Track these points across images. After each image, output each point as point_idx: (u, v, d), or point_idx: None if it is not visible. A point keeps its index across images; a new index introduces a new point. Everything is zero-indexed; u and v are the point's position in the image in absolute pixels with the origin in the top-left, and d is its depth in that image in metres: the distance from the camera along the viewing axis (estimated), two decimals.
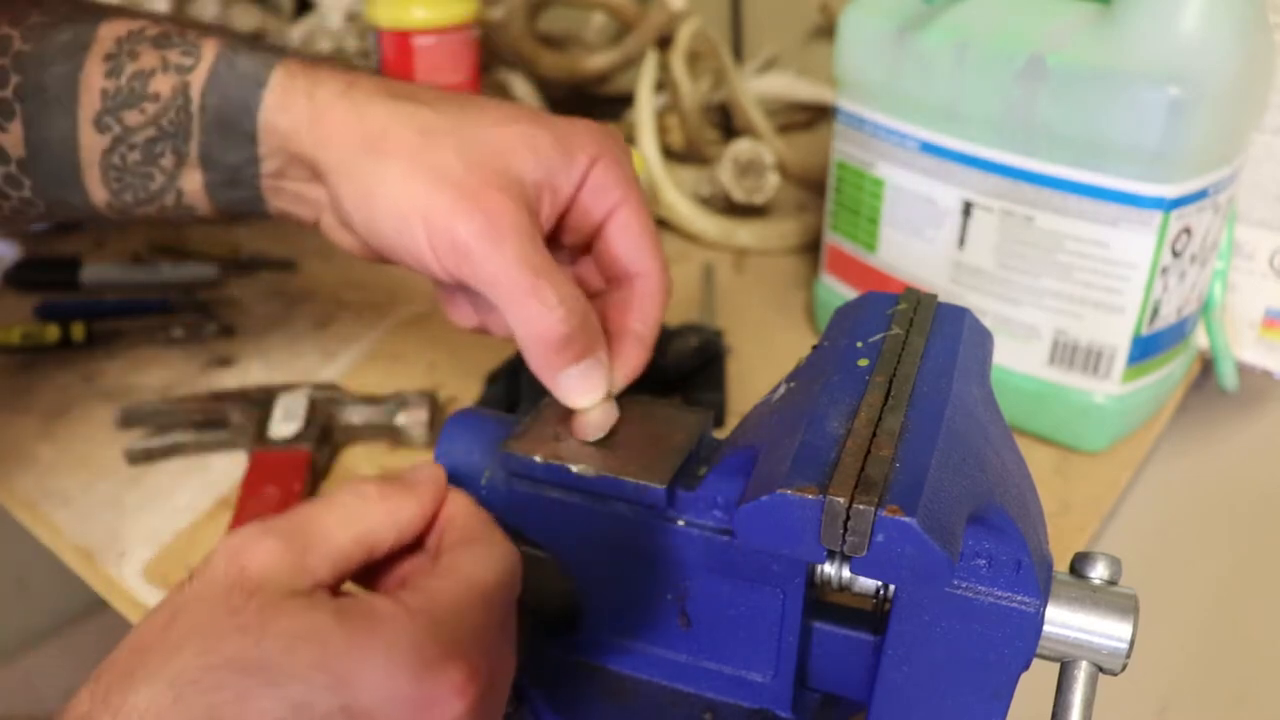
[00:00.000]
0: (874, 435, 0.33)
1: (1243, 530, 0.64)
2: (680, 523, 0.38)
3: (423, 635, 0.31)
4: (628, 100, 0.97)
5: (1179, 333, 0.61)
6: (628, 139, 0.95)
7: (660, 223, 0.91)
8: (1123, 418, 0.61)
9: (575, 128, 0.45)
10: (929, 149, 0.61)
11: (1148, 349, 0.59)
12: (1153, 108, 0.51)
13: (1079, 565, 0.35)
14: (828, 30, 1.15)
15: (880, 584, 0.37)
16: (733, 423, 0.59)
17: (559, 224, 0.46)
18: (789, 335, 0.76)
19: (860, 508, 0.30)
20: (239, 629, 0.30)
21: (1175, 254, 0.56)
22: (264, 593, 0.31)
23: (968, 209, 0.60)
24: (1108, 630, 0.33)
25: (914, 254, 0.64)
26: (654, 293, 0.46)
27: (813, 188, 0.95)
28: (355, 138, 0.43)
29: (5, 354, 0.70)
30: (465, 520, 0.37)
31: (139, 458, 0.60)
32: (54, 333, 0.70)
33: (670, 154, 0.97)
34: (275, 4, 1.08)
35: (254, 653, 0.29)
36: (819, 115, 1.12)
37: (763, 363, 0.71)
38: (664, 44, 0.96)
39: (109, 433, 0.62)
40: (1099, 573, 0.34)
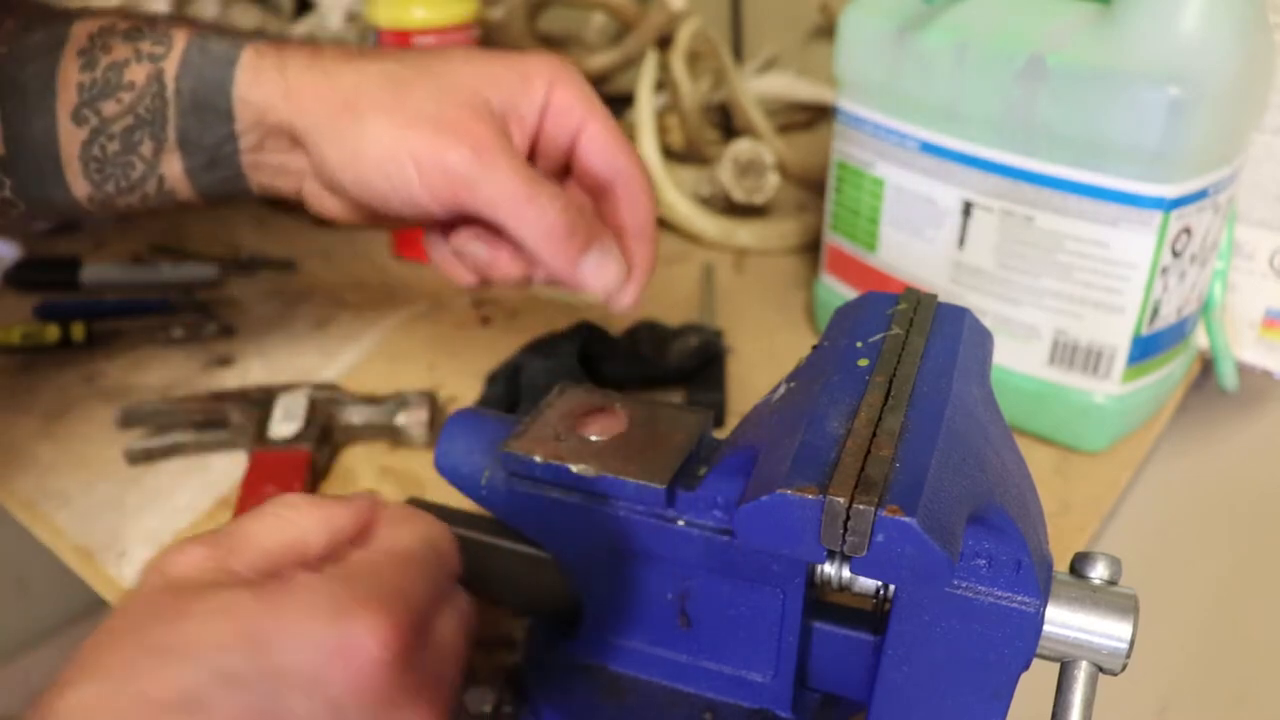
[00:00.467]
0: (874, 435, 0.33)
1: (1243, 530, 0.64)
2: (680, 523, 0.38)
3: (338, 587, 0.31)
4: (628, 100, 0.97)
5: (1179, 333, 0.61)
6: (628, 139, 0.95)
7: (660, 223, 0.90)
8: (1123, 418, 0.61)
9: (529, 59, 0.48)
10: (929, 149, 0.61)
11: (1148, 349, 0.59)
12: (1153, 108, 0.51)
13: (1079, 565, 0.35)
14: (828, 30, 1.15)
15: (880, 584, 0.37)
16: (733, 423, 0.59)
17: (533, 151, 0.48)
18: (789, 335, 0.76)
19: (860, 508, 0.30)
20: (159, 619, 0.30)
21: (1175, 254, 0.56)
22: (186, 590, 0.31)
23: (968, 209, 0.60)
24: (1108, 630, 0.33)
25: (914, 254, 0.64)
26: (638, 190, 0.49)
27: (813, 188, 0.95)
28: (330, 101, 0.45)
29: (5, 354, 0.70)
30: (394, 510, 0.37)
31: (139, 458, 0.60)
32: (54, 333, 0.70)
33: (670, 154, 0.97)
34: (275, 4, 1.07)
35: (173, 636, 0.30)
36: (819, 115, 1.12)
37: (763, 363, 0.71)
38: (664, 44, 0.96)
39: (109, 433, 0.62)
40: (1099, 573, 0.34)
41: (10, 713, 0.32)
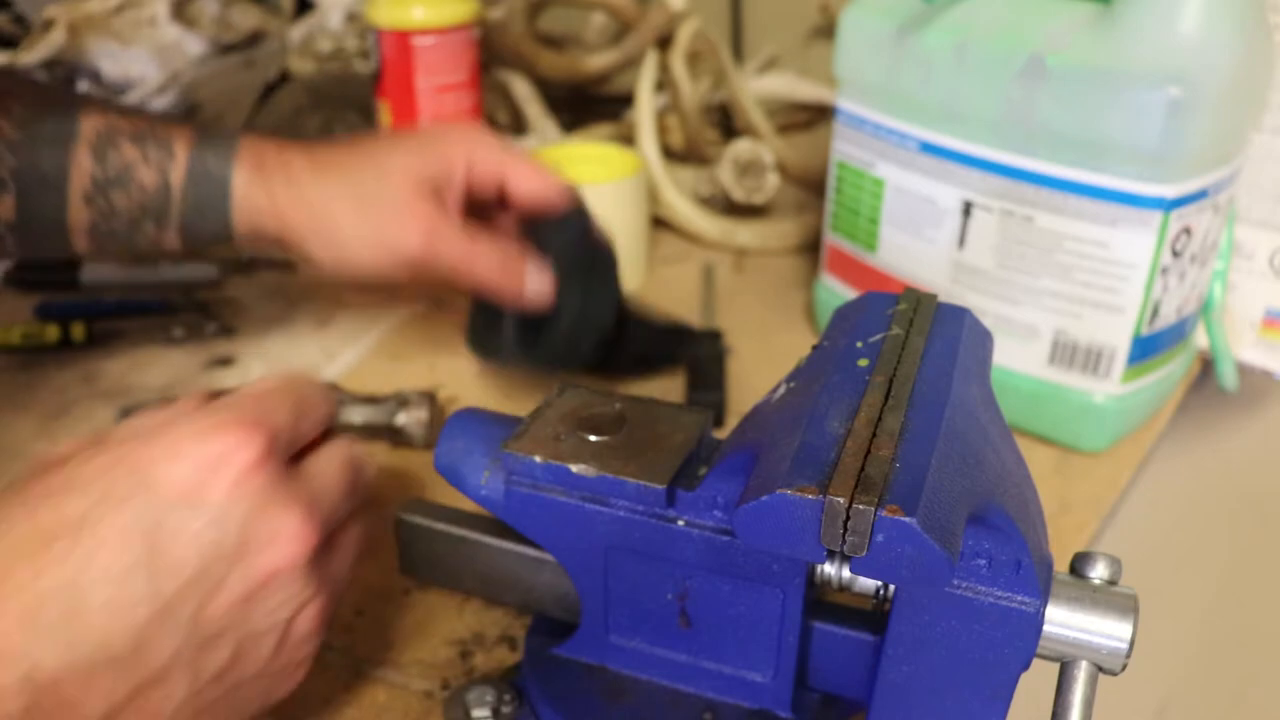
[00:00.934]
0: (874, 435, 0.33)
1: (1243, 530, 0.64)
2: (680, 523, 0.38)
3: (205, 416, 0.35)
4: (628, 100, 0.97)
5: (1179, 333, 0.61)
6: (628, 139, 0.95)
7: (660, 223, 0.91)
8: (1123, 418, 0.61)
9: (449, 133, 0.60)
10: (929, 149, 0.61)
11: (1148, 349, 0.59)
12: (1152, 108, 0.51)
13: (1079, 565, 0.35)
14: (828, 30, 1.16)
15: (880, 584, 0.37)
16: (733, 423, 0.59)
17: (469, 200, 0.60)
18: (789, 335, 0.76)
19: (860, 508, 0.30)
20: (47, 477, 0.34)
21: (1175, 254, 0.56)
22: (69, 458, 0.35)
23: (968, 209, 0.60)
24: (1108, 630, 0.33)
25: (914, 254, 0.64)
26: (561, 201, 0.61)
27: (813, 188, 0.95)
28: (310, 216, 0.57)
29: (5, 354, 0.71)
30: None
31: None
32: (54, 333, 0.70)
33: (670, 154, 0.97)
34: (275, 4, 1.07)
35: (59, 479, 0.33)
36: (819, 115, 1.12)
37: (763, 363, 0.71)
38: (664, 44, 0.96)
39: None
40: (1099, 573, 0.34)
41: None
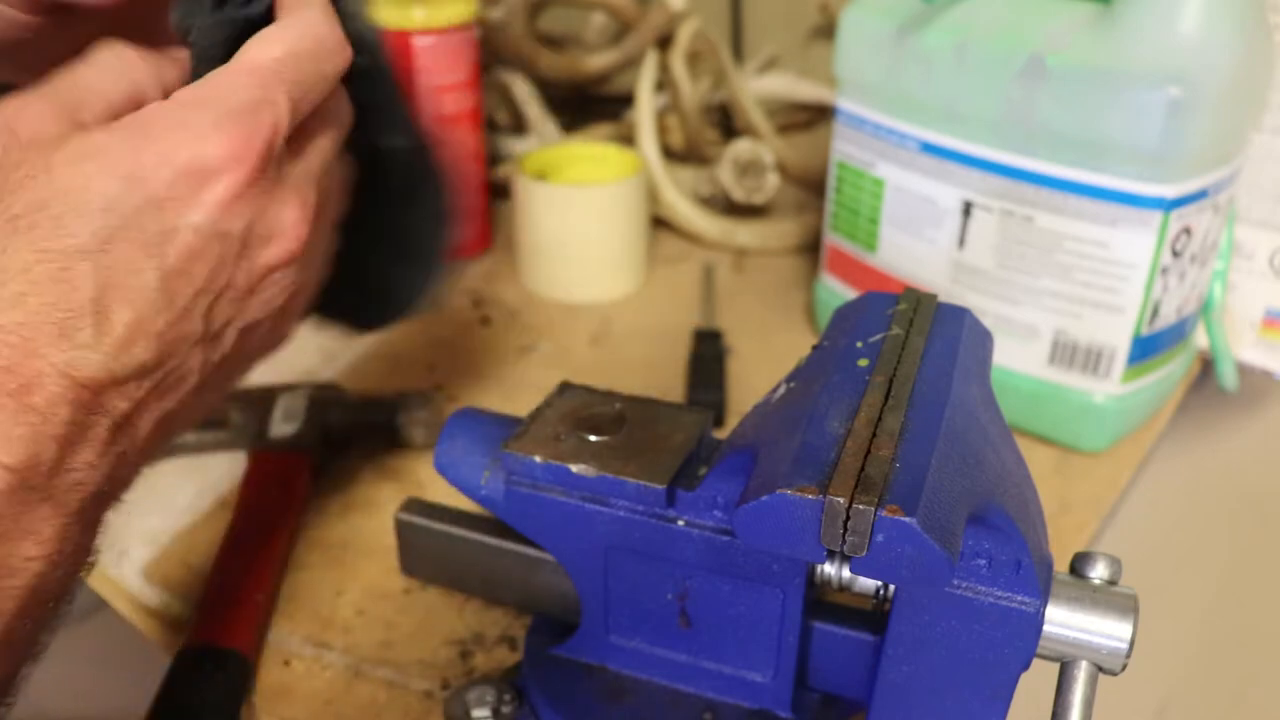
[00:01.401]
0: (874, 435, 0.33)
1: (1243, 530, 0.64)
2: (680, 523, 0.38)
3: (191, 113, 0.32)
4: (628, 100, 0.97)
5: (1179, 333, 0.61)
6: (628, 139, 0.95)
7: (660, 223, 0.91)
8: (1123, 418, 0.61)
9: None
10: (929, 149, 0.61)
11: (1148, 349, 0.59)
12: (1152, 108, 0.51)
13: (1079, 565, 0.35)
14: (828, 30, 1.16)
15: (880, 584, 0.37)
16: (733, 423, 0.59)
17: None
18: (789, 335, 0.76)
19: (860, 508, 0.30)
20: (28, 178, 0.31)
21: (1175, 254, 0.56)
22: (39, 145, 0.32)
23: (968, 209, 0.60)
24: (1108, 630, 0.33)
25: (914, 254, 0.64)
26: None
27: (813, 188, 0.95)
28: None
29: None
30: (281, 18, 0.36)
31: None
32: None
33: (670, 154, 0.97)
34: None
35: (48, 190, 0.31)
36: (819, 115, 1.12)
37: (763, 363, 0.71)
38: (664, 44, 0.96)
39: None
40: (1099, 573, 0.34)
41: (11, 711, 0.31)
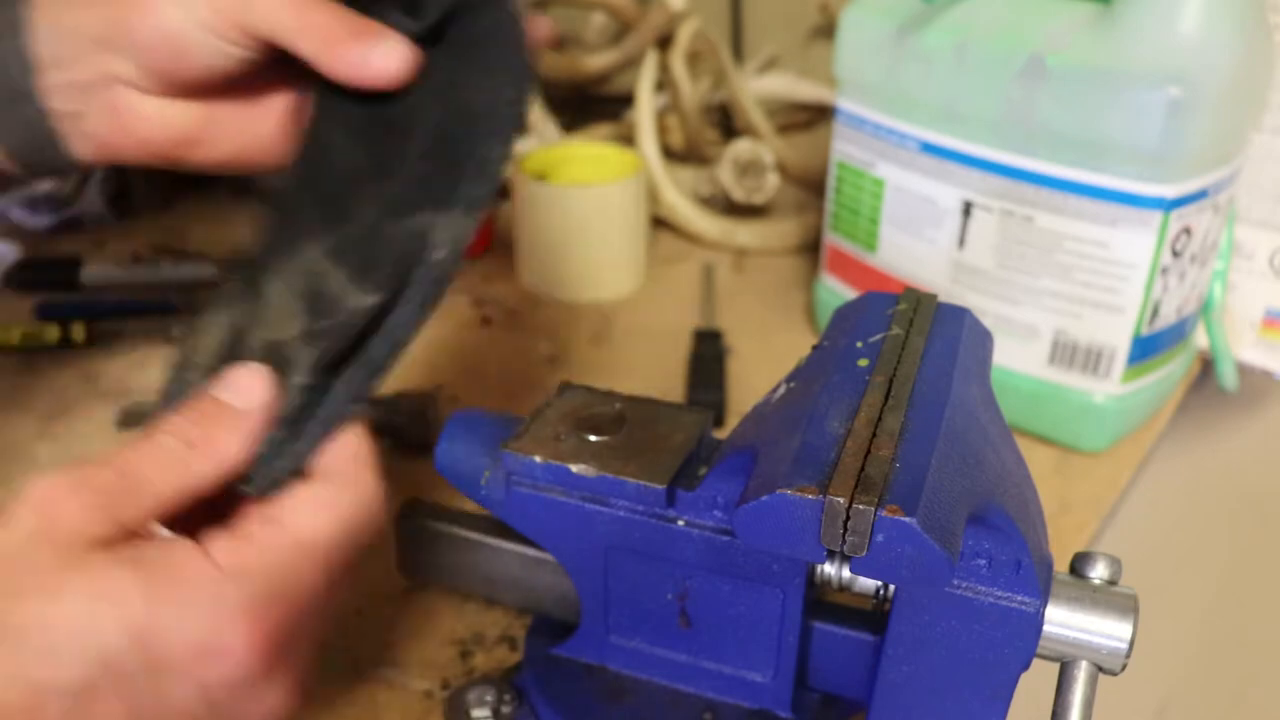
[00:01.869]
0: (874, 435, 0.33)
1: (1243, 530, 0.64)
2: (680, 523, 0.38)
3: (224, 587, 0.32)
4: (628, 100, 0.97)
5: (1179, 333, 0.61)
6: (628, 139, 0.95)
7: (660, 223, 0.91)
8: (1123, 418, 0.61)
9: None
10: (929, 149, 0.61)
11: (1148, 349, 0.59)
12: (1152, 108, 0.51)
13: (1079, 565, 0.35)
14: (828, 30, 1.16)
15: (880, 584, 0.37)
16: (733, 423, 0.59)
17: None
18: (789, 335, 0.76)
19: (860, 508, 0.30)
20: (40, 589, 0.30)
21: (1175, 254, 0.56)
22: (71, 550, 0.31)
23: (968, 209, 0.60)
24: (1108, 630, 0.33)
25: (914, 254, 0.64)
26: None
27: (813, 188, 0.95)
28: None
29: (5, 354, 0.70)
30: (327, 476, 0.35)
31: None
32: (54, 333, 0.70)
33: (670, 154, 0.97)
34: None
35: (58, 618, 0.30)
36: (819, 115, 1.12)
37: (763, 363, 0.71)
38: (664, 44, 0.96)
39: (109, 433, 0.62)
40: (1099, 573, 0.34)
41: None
